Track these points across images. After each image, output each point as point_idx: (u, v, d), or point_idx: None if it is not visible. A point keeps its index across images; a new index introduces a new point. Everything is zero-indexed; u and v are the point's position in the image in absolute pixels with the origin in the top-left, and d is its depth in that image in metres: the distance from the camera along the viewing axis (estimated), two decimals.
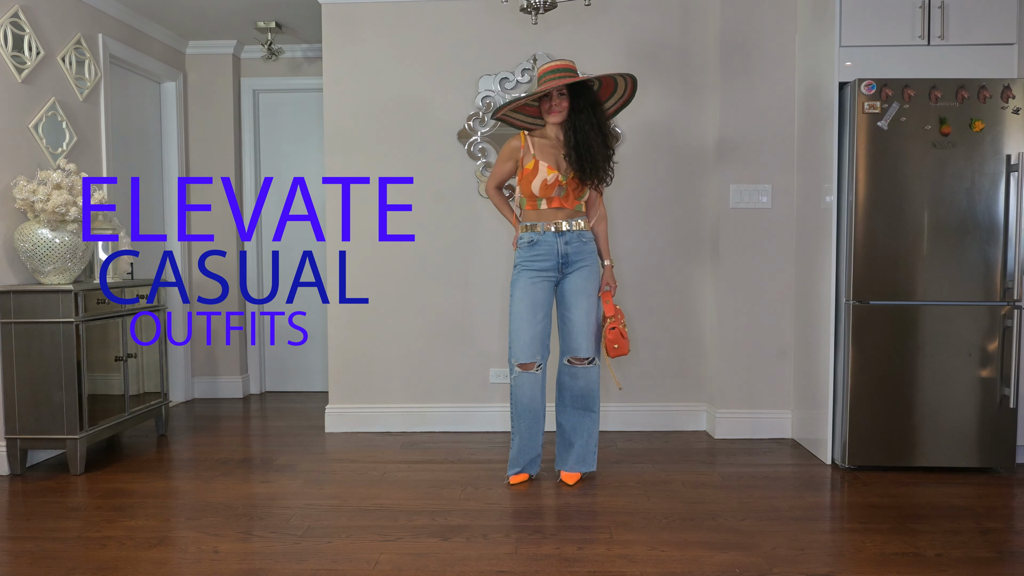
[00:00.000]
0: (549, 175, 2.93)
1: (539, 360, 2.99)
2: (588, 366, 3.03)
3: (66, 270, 3.28)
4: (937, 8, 3.16)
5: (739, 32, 3.68)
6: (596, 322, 3.03)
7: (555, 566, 2.28)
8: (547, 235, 2.98)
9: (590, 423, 3.08)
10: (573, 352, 3.03)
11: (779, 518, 2.67)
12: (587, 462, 3.09)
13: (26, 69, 3.36)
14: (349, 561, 2.33)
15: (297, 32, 4.61)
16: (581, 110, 2.91)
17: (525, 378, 3.00)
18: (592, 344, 3.01)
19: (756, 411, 3.76)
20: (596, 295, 3.02)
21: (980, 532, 2.53)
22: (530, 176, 2.95)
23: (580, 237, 3.01)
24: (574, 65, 2.94)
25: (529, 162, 2.97)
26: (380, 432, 3.95)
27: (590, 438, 3.08)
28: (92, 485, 3.11)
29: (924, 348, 3.14)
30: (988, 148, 3.09)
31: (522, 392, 3.01)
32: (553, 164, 2.96)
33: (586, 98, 2.92)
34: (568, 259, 3.00)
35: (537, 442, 3.08)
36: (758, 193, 3.70)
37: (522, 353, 2.97)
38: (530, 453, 3.08)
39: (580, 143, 2.89)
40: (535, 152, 2.98)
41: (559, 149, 2.99)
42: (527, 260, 3.00)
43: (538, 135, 3.05)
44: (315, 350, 5.07)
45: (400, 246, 3.93)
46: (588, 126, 2.90)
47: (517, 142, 3.04)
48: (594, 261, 3.05)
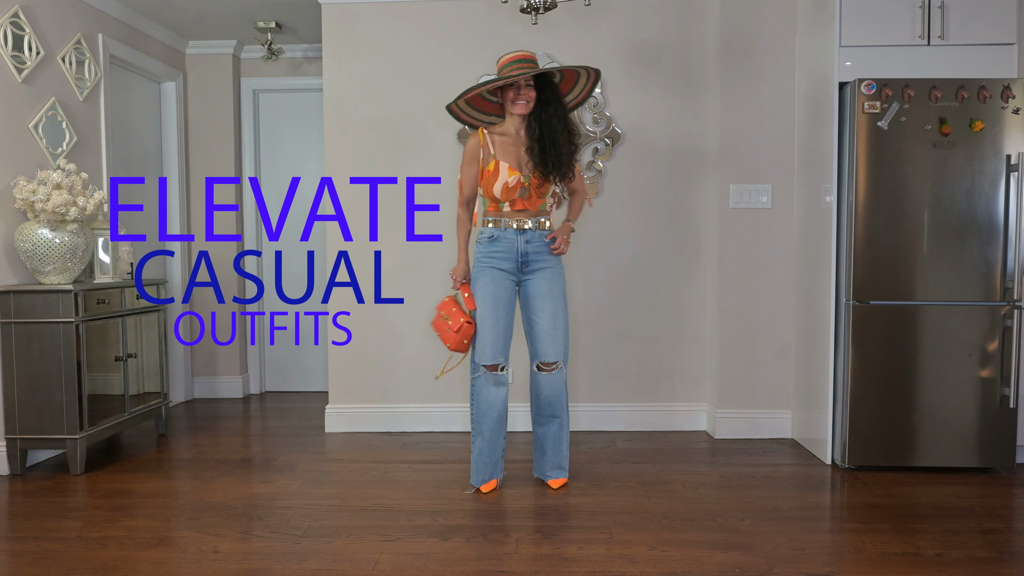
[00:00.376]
0: (511, 177, 2.81)
1: (502, 362, 2.89)
2: (553, 372, 2.91)
3: (66, 270, 3.28)
4: (937, 8, 3.16)
5: (739, 32, 3.68)
6: (564, 325, 2.92)
7: (555, 566, 2.28)
8: (508, 232, 2.87)
9: (558, 429, 2.99)
10: (540, 357, 2.91)
11: (779, 518, 2.67)
12: (563, 468, 3.03)
13: (26, 69, 3.36)
14: (349, 561, 2.33)
15: (297, 32, 4.61)
16: (548, 103, 2.80)
17: (491, 378, 2.88)
18: (560, 348, 2.90)
19: (756, 411, 3.76)
20: (562, 297, 2.92)
21: (980, 532, 2.53)
22: (491, 178, 2.83)
23: (542, 237, 2.90)
24: (535, 56, 2.85)
25: (490, 163, 2.84)
26: (380, 432, 3.95)
27: (561, 445, 3.01)
28: (92, 485, 3.11)
29: (924, 348, 3.14)
30: (988, 148, 3.09)
31: (487, 392, 2.89)
32: (515, 164, 2.84)
33: (552, 91, 2.83)
34: (528, 259, 2.89)
35: (500, 445, 2.97)
36: (758, 193, 3.70)
37: (486, 354, 2.86)
38: (493, 456, 2.96)
39: (545, 136, 2.78)
40: (495, 151, 2.85)
41: (520, 145, 2.86)
42: (487, 256, 2.89)
43: (497, 132, 2.90)
44: (315, 350, 5.07)
45: (398, 246, 3.93)
46: (555, 120, 2.79)
47: (476, 141, 2.88)
48: (557, 262, 2.95)
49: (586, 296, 3.91)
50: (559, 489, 3.00)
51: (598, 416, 3.93)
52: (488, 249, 2.89)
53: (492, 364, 2.88)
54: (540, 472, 3.07)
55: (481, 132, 2.89)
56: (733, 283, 3.73)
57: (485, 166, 2.85)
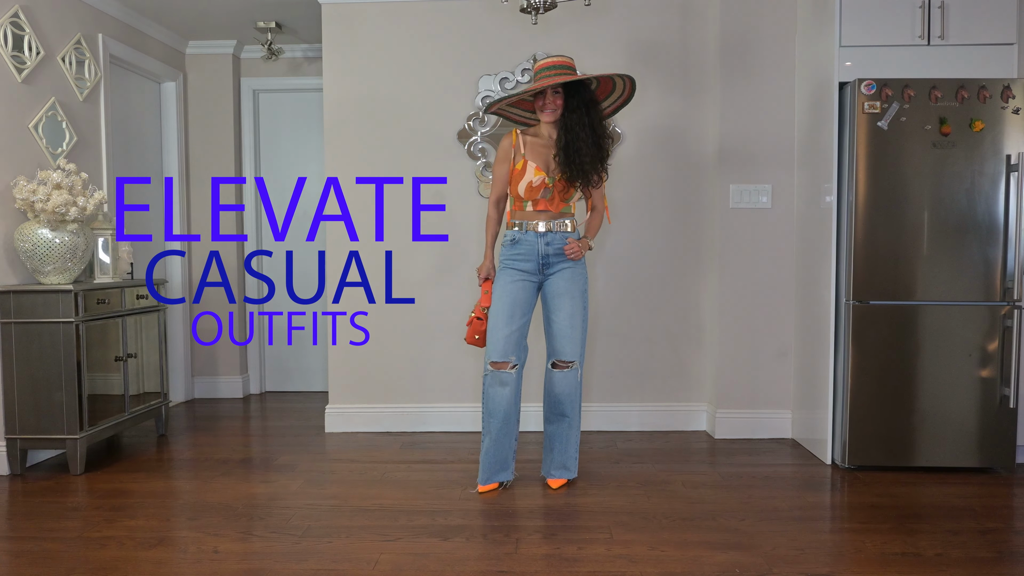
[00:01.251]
0: (535, 177, 2.87)
1: (513, 360, 2.89)
2: (567, 370, 2.95)
3: (66, 270, 3.28)
4: (937, 8, 3.16)
5: (739, 32, 3.68)
6: (582, 325, 2.95)
7: (555, 566, 2.28)
8: (528, 235, 2.92)
9: (567, 428, 3.01)
10: (557, 355, 2.96)
11: (779, 518, 2.67)
12: (568, 468, 3.03)
13: (26, 69, 3.36)
14: (349, 561, 2.33)
15: (297, 32, 4.61)
16: (574, 109, 2.84)
17: (497, 377, 2.89)
18: (576, 347, 2.94)
19: (756, 411, 3.76)
20: (581, 297, 2.95)
21: (980, 532, 2.53)
22: (518, 177, 2.90)
23: (563, 239, 2.94)
24: (572, 62, 2.86)
25: (519, 162, 2.91)
26: (380, 432, 3.95)
27: (568, 444, 3.02)
28: (92, 485, 3.11)
29: (924, 348, 3.14)
30: (988, 148, 3.09)
31: (494, 391, 2.90)
32: (542, 165, 2.90)
33: (581, 97, 2.85)
34: (549, 260, 2.93)
35: (508, 446, 2.97)
36: (758, 193, 3.70)
37: (495, 351, 2.88)
38: (501, 456, 2.96)
39: (569, 143, 2.82)
40: (525, 152, 2.92)
41: (551, 148, 2.93)
42: (508, 258, 2.95)
43: (531, 133, 2.98)
44: (315, 350, 5.07)
45: (400, 246, 3.93)
46: (579, 126, 2.82)
47: (508, 141, 2.96)
48: (579, 263, 2.98)
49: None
50: (558, 489, 3.00)
51: (598, 416, 3.93)
52: (511, 251, 2.95)
53: (499, 362, 2.88)
54: (546, 471, 3.08)
55: (515, 133, 2.96)
56: (733, 283, 3.73)
57: (515, 165, 2.92)
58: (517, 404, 2.95)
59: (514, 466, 3.04)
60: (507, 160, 2.96)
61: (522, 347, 2.93)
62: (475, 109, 3.89)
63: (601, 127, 2.88)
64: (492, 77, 3.88)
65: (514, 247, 2.94)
